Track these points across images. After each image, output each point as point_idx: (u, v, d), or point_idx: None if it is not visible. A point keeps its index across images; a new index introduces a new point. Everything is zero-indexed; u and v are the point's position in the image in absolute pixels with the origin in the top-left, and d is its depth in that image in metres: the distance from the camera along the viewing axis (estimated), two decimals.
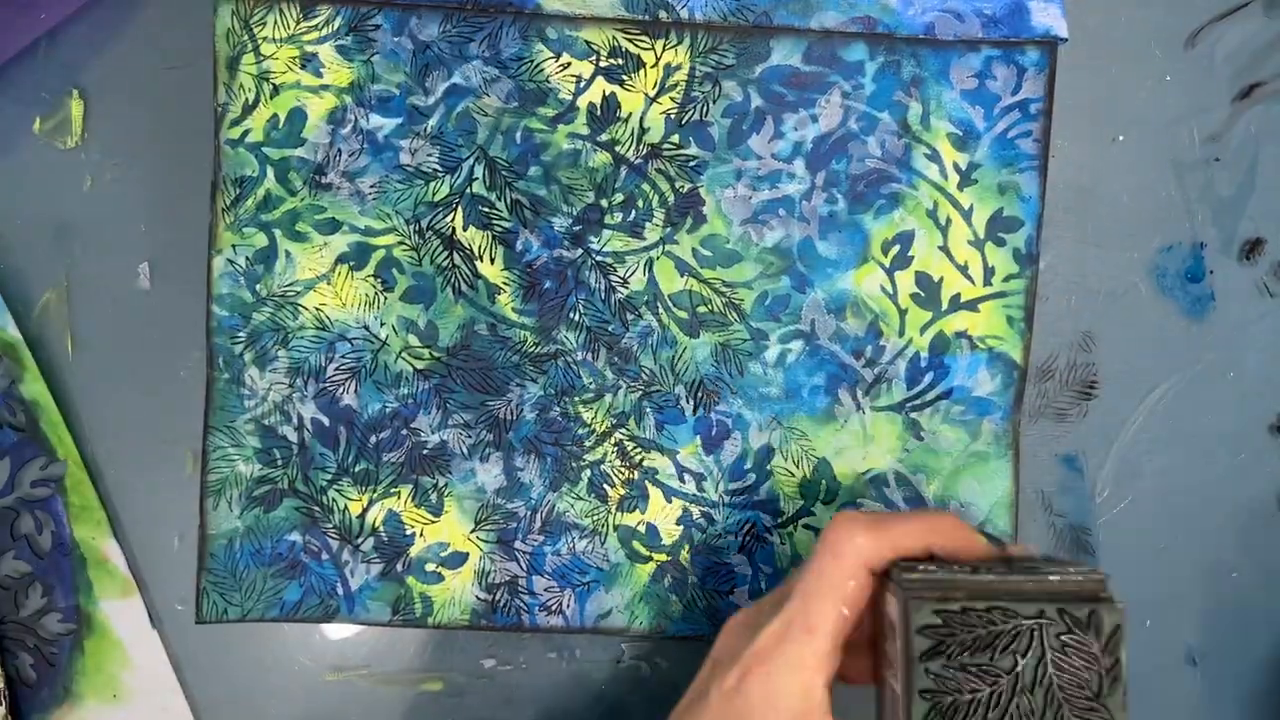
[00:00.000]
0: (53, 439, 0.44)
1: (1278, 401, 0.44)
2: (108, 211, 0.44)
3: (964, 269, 0.43)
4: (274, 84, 0.42)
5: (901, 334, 0.43)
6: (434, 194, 0.43)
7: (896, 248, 0.43)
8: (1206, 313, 0.44)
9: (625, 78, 0.42)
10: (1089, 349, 0.44)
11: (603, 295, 0.43)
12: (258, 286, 0.43)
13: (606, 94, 0.42)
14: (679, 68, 0.42)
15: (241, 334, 0.43)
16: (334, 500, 0.43)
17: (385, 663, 0.44)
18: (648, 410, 0.43)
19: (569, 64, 0.42)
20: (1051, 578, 0.32)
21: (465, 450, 0.43)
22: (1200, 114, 0.44)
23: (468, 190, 0.43)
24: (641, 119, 0.42)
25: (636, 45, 0.42)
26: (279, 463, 0.43)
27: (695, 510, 0.43)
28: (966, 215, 0.43)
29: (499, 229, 0.43)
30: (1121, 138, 0.44)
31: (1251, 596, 0.45)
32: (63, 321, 0.44)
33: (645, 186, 0.43)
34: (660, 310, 0.43)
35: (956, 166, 0.43)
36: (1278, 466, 0.45)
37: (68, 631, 0.44)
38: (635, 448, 0.43)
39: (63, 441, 0.44)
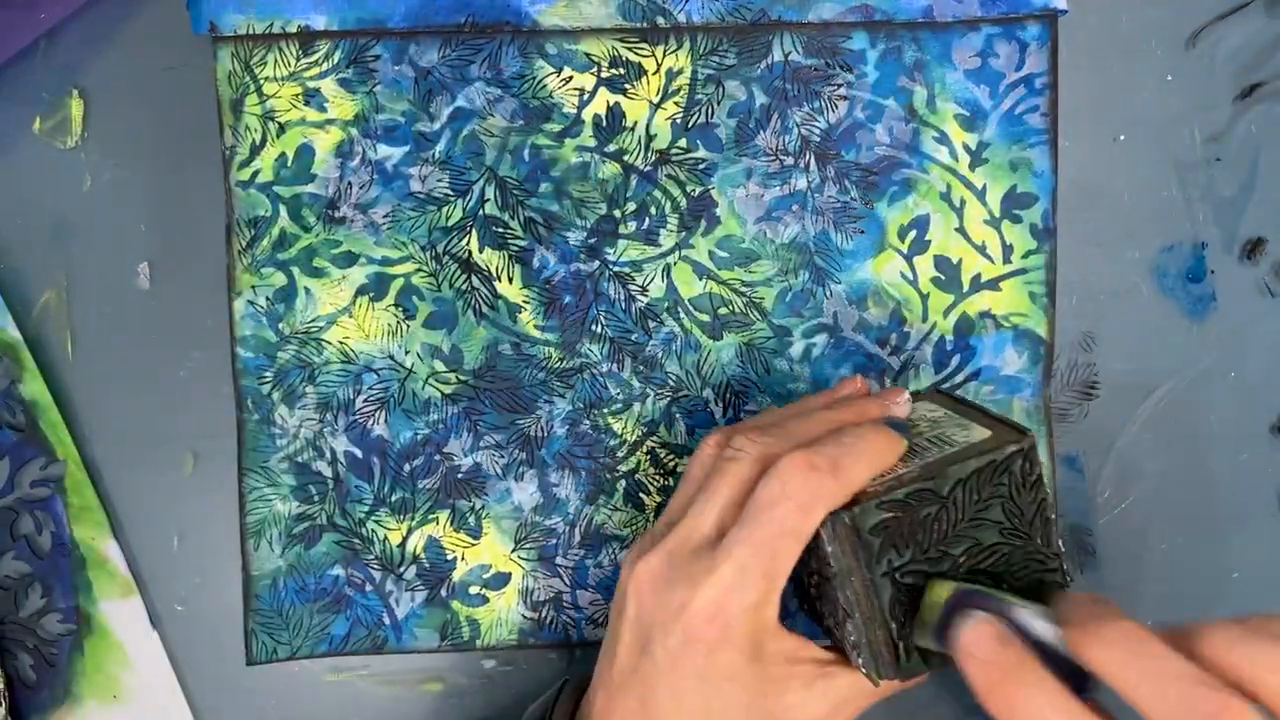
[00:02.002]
0: (52, 439, 0.44)
1: (1278, 401, 0.44)
2: (107, 211, 0.44)
3: (982, 249, 0.43)
4: (279, 122, 0.42)
5: (925, 319, 0.43)
6: (447, 218, 0.43)
7: (913, 233, 0.43)
8: (1207, 313, 0.44)
9: (628, 86, 0.42)
10: (1089, 349, 0.44)
11: (623, 305, 0.43)
12: (280, 325, 0.43)
13: (611, 104, 0.42)
14: (681, 72, 0.42)
15: (268, 374, 0.43)
16: (373, 531, 0.43)
17: (385, 663, 0.44)
18: (677, 416, 0.43)
19: (571, 78, 0.42)
20: (958, 438, 0.34)
21: (499, 471, 0.43)
22: (1201, 114, 0.44)
23: (480, 212, 0.43)
24: (647, 126, 0.42)
25: (636, 53, 0.42)
26: (315, 498, 0.43)
27: None
28: (980, 195, 0.43)
29: (515, 248, 0.43)
30: (1122, 137, 0.44)
31: (1252, 597, 0.45)
32: (62, 321, 0.44)
33: (657, 193, 0.43)
34: (682, 315, 0.43)
35: (966, 147, 0.42)
36: (1278, 466, 0.44)
37: (68, 632, 0.44)
38: (668, 454, 0.43)
39: (62, 442, 0.44)
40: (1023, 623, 0.30)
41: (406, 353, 0.43)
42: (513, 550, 0.43)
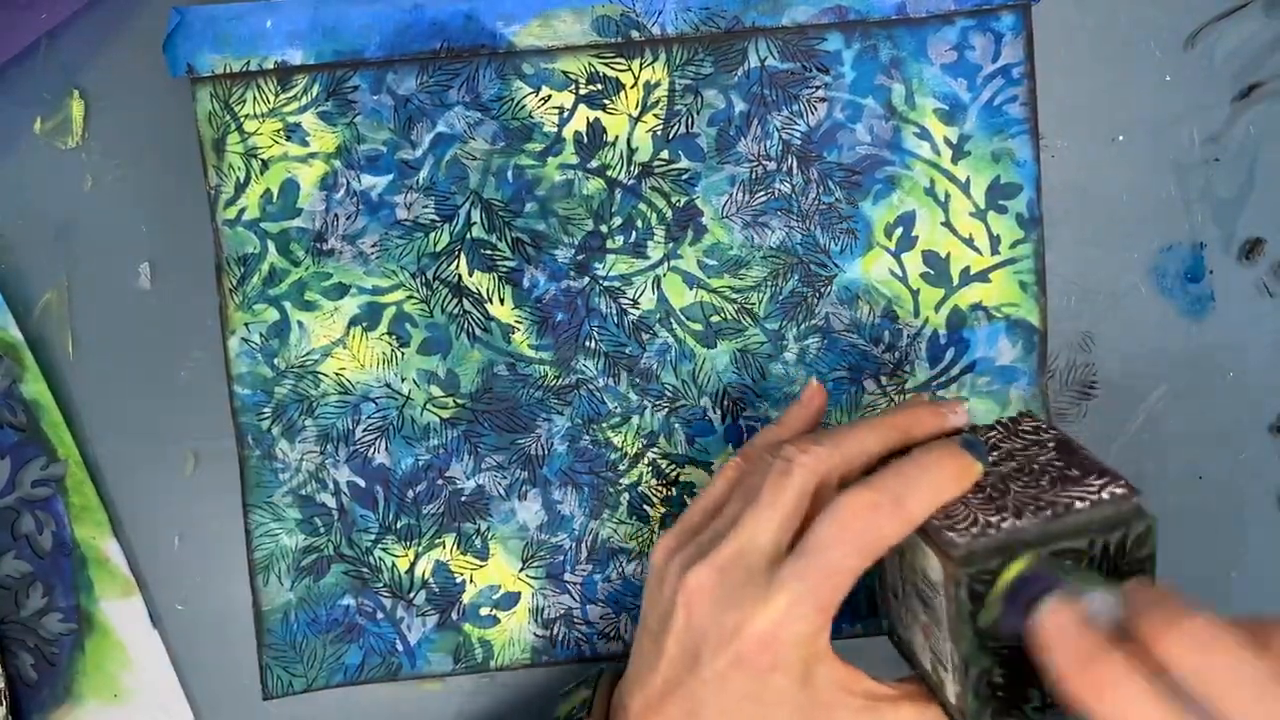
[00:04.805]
0: (53, 439, 0.44)
1: (1278, 401, 0.44)
2: (108, 211, 0.44)
3: (969, 241, 0.43)
4: (262, 159, 0.42)
5: (917, 315, 0.43)
6: (435, 244, 0.43)
7: (899, 230, 0.43)
8: (1206, 313, 0.44)
9: (607, 102, 0.42)
10: (1089, 349, 0.44)
11: (615, 319, 0.43)
12: (276, 360, 0.43)
13: (590, 121, 0.42)
14: (658, 84, 0.42)
15: (266, 410, 0.43)
16: (381, 559, 0.43)
17: None
18: (676, 426, 0.43)
19: (549, 96, 0.42)
20: (1079, 505, 0.32)
21: (502, 491, 0.43)
22: (1200, 114, 0.44)
23: (467, 235, 0.43)
24: (629, 140, 0.42)
25: (613, 68, 0.42)
26: (321, 530, 0.43)
27: None
28: (964, 188, 0.43)
29: (504, 269, 0.43)
30: (1121, 138, 0.44)
31: (1252, 596, 0.45)
32: (63, 322, 0.44)
33: (642, 206, 0.43)
34: (674, 325, 0.43)
35: (948, 141, 0.42)
36: (1278, 466, 0.44)
37: (68, 631, 0.44)
38: (669, 465, 0.43)
39: (63, 441, 0.44)
40: (1095, 608, 0.29)
41: (403, 380, 0.43)
42: (521, 569, 0.43)
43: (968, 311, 0.43)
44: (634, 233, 0.43)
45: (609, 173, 0.43)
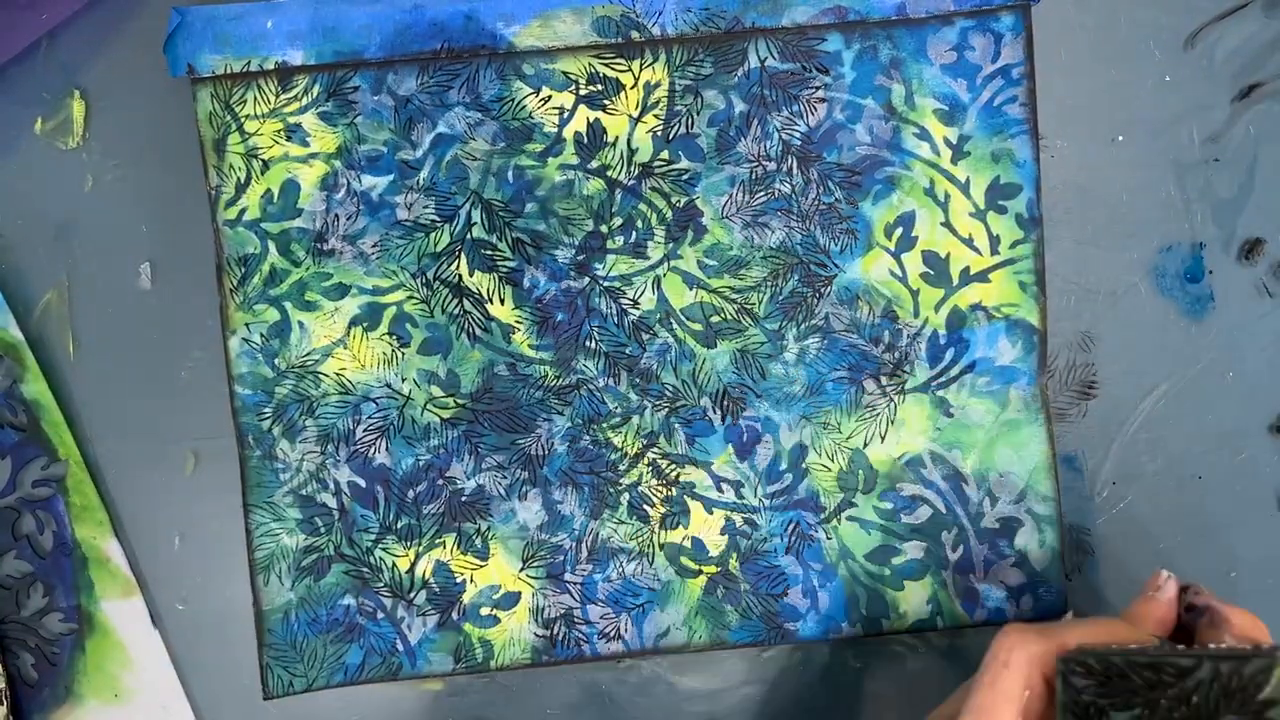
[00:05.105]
0: (54, 439, 0.44)
1: (1277, 401, 0.44)
2: (109, 211, 0.44)
3: (969, 241, 0.43)
4: (263, 159, 0.42)
5: (917, 315, 0.43)
6: (435, 244, 0.43)
7: (899, 230, 0.43)
8: (1206, 313, 0.44)
9: (607, 102, 0.42)
10: (1088, 349, 0.44)
11: (615, 319, 0.43)
12: (276, 361, 0.43)
13: (591, 121, 0.42)
14: (658, 85, 0.42)
15: (267, 410, 0.43)
16: (381, 559, 0.43)
17: None
18: (676, 426, 0.43)
19: (549, 97, 0.42)
20: (1209, 644, 0.32)
21: (503, 491, 0.43)
22: (1200, 114, 0.44)
23: (468, 236, 0.43)
24: (629, 140, 0.43)
25: (613, 69, 0.42)
26: (322, 530, 0.43)
27: (738, 518, 0.43)
28: (964, 188, 0.43)
29: (504, 269, 0.43)
30: (1121, 138, 0.44)
31: (1251, 597, 0.45)
32: (64, 322, 0.44)
33: (642, 206, 0.43)
34: (674, 325, 0.43)
35: (947, 141, 0.43)
36: (1278, 466, 0.45)
37: (69, 631, 0.44)
38: (669, 465, 0.43)
39: (64, 441, 0.44)
40: None
41: (403, 380, 0.43)
42: (521, 569, 0.43)
43: (967, 311, 0.43)
44: (634, 233, 0.43)
45: (609, 173, 0.43)
